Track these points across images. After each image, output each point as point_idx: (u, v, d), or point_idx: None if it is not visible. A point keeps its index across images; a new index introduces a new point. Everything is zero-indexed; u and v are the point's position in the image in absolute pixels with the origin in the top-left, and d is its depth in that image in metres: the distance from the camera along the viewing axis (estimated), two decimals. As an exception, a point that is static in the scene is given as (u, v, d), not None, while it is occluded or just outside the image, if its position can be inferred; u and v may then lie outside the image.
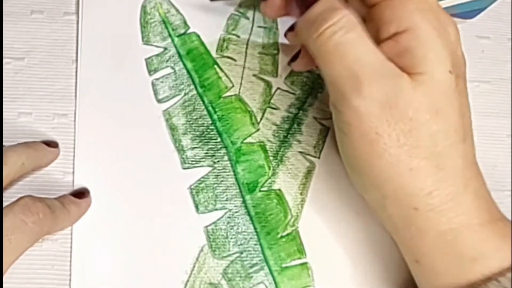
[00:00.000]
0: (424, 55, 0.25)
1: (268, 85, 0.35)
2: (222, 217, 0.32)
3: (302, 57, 0.33)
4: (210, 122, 0.34)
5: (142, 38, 0.35)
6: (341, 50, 0.26)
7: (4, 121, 0.32)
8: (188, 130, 0.33)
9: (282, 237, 0.32)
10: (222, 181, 0.33)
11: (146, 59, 0.35)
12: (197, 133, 0.33)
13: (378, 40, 0.27)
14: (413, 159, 0.25)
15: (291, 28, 0.33)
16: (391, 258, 0.31)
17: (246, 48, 0.36)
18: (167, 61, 0.35)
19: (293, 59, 0.34)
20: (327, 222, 0.32)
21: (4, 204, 0.27)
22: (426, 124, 0.25)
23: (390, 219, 0.28)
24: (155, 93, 0.34)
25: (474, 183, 0.26)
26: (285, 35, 0.34)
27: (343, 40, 0.25)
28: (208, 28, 0.36)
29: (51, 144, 0.31)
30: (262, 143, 0.34)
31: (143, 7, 0.36)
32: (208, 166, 0.33)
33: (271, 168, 0.33)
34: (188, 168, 0.33)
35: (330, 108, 0.28)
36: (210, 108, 0.34)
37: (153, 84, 0.34)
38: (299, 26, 0.28)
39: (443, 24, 0.26)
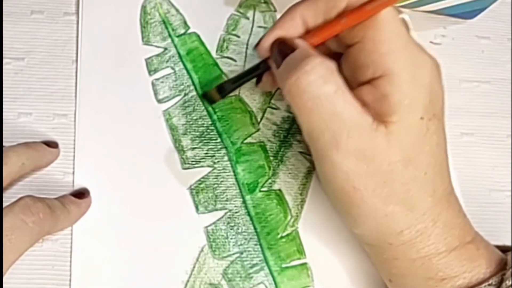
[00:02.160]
0: (399, 102, 0.25)
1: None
2: (222, 217, 0.32)
3: (267, 77, 0.32)
4: (210, 122, 0.34)
5: (142, 38, 0.35)
6: (318, 103, 0.25)
7: (4, 121, 0.32)
8: (188, 130, 0.33)
9: (282, 237, 0.32)
10: (222, 181, 0.33)
11: (146, 59, 0.35)
12: (197, 133, 0.33)
13: (356, 82, 0.27)
14: (388, 206, 0.26)
15: (259, 80, 0.32)
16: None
17: (246, 48, 0.36)
18: (167, 61, 0.35)
19: (258, 81, 0.33)
20: (327, 223, 0.32)
21: (4, 204, 0.27)
22: (400, 174, 0.26)
23: (366, 246, 0.29)
24: (155, 93, 0.34)
25: (444, 216, 0.27)
26: (256, 86, 0.33)
27: (320, 93, 0.25)
28: (208, 28, 0.36)
29: (51, 144, 0.31)
30: (262, 143, 0.34)
31: (143, 7, 0.36)
32: (208, 166, 0.33)
33: (271, 168, 0.33)
34: (188, 168, 0.33)
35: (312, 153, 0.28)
36: (210, 108, 0.34)
37: (153, 84, 0.34)
38: (278, 80, 0.28)
39: (418, 64, 0.26)
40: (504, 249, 0.28)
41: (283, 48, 0.28)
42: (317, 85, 0.25)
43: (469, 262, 0.27)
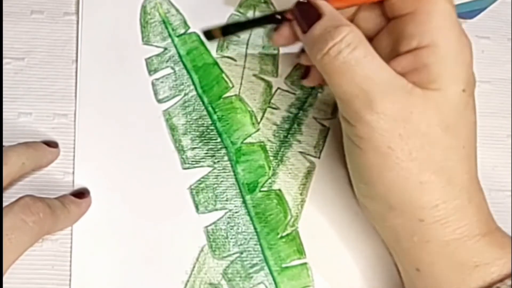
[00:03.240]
0: (441, 73, 0.26)
1: (268, 85, 0.35)
2: (222, 217, 0.32)
3: (313, 73, 0.33)
4: (210, 122, 0.34)
5: (142, 38, 0.35)
6: (349, 68, 0.25)
7: (4, 121, 0.32)
8: (188, 130, 0.33)
9: (282, 237, 0.32)
10: (222, 181, 0.33)
11: (146, 59, 0.35)
12: (197, 133, 0.33)
13: (396, 52, 0.27)
14: (424, 173, 0.26)
15: (306, 75, 0.33)
16: (390, 258, 0.31)
17: (246, 48, 0.36)
18: (167, 61, 0.35)
19: (304, 76, 0.34)
20: (327, 222, 0.32)
21: (4, 204, 0.27)
22: (438, 139, 0.26)
23: (391, 229, 0.28)
24: (155, 93, 0.34)
25: (477, 197, 0.27)
26: (302, 82, 0.34)
27: (350, 58, 0.25)
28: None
29: (51, 144, 0.31)
30: (262, 143, 0.34)
31: (143, 7, 0.36)
32: (208, 166, 0.33)
33: (271, 168, 0.33)
34: (188, 168, 0.33)
35: (340, 119, 0.28)
36: (210, 108, 0.34)
37: (153, 84, 0.34)
38: (304, 44, 0.28)
39: (462, 44, 0.27)
40: None
41: (308, 13, 0.27)
42: (348, 51, 0.25)
43: (500, 249, 0.26)
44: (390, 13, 0.28)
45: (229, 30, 0.32)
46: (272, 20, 0.30)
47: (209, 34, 0.32)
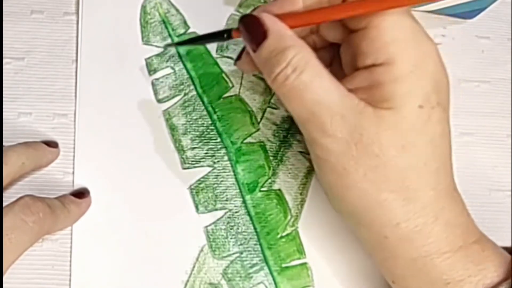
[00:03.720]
0: (395, 91, 0.25)
1: (268, 85, 0.35)
2: (222, 217, 0.32)
3: (246, 56, 0.31)
4: (210, 122, 0.34)
5: (142, 38, 0.35)
6: (298, 93, 0.25)
7: (4, 121, 0.32)
8: (188, 130, 0.33)
9: (282, 237, 0.32)
10: (222, 181, 0.33)
11: (146, 59, 0.35)
12: (197, 133, 0.33)
13: (353, 67, 0.27)
14: (381, 193, 0.25)
15: (239, 57, 0.32)
16: (391, 258, 0.31)
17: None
18: (167, 61, 0.35)
19: (238, 58, 0.32)
20: (327, 222, 0.32)
21: (4, 203, 0.27)
22: (393, 159, 0.25)
23: (364, 242, 0.28)
24: (155, 93, 0.34)
25: (447, 213, 0.26)
26: (235, 63, 0.33)
27: (297, 83, 0.25)
28: (208, 28, 0.36)
29: (51, 144, 0.31)
30: (262, 143, 0.34)
31: (143, 7, 0.36)
32: (208, 166, 0.33)
33: (271, 168, 0.33)
34: (188, 168, 0.33)
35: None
36: (210, 108, 0.34)
37: (153, 84, 0.34)
38: (256, 63, 0.27)
39: (422, 52, 0.25)
40: (505, 250, 0.28)
41: (254, 31, 0.26)
42: (294, 77, 0.25)
43: (475, 265, 0.25)
44: (347, 26, 0.27)
45: (180, 43, 0.34)
46: (220, 37, 0.30)
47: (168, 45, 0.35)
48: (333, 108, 0.25)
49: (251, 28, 0.27)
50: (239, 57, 0.32)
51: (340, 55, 0.28)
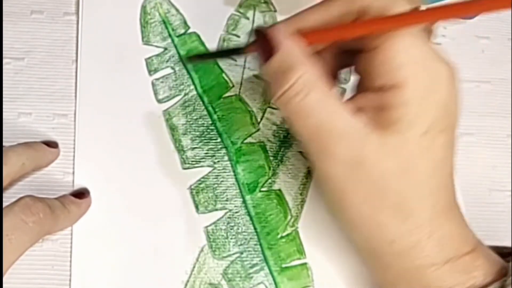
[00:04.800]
0: (402, 117, 0.24)
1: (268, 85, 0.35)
2: (222, 217, 0.32)
3: None
4: (210, 122, 0.34)
5: (142, 38, 0.35)
6: (303, 114, 0.25)
7: (4, 121, 0.32)
8: (188, 130, 0.33)
9: (282, 237, 0.32)
10: (222, 181, 0.33)
11: (146, 59, 0.35)
12: (197, 133, 0.33)
13: (362, 86, 0.26)
14: (379, 214, 0.25)
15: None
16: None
17: (246, 48, 0.36)
18: (167, 61, 0.35)
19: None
20: (327, 223, 0.32)
21: (4, 204, 0.27)
22: (393, 183, 0.25)
23: (358, 251, 0.29)
24: (155, 93, 0.34)
25: (443, 229, 0.26)
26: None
27: (303, 104, 0.25)
28: (208, 28, 0.36)
29: (51, 144, 0.31)
30: (262, 143, 0.34)
31: (143, 7, 0.36)
32: (208, 166, 0.33)
33: (271, 168, 0.33)
34: (188, 168, 0.33)
35: None
36: (210, 108, 0.34)
37: (153, 84, 0.34)
38: (262, 70, 0.27)
39: (434, 77, 0.25)
40: (504, 251, 0.28)
41: (264, 44, 0.26)
42: (300, 97, 0.25)
43: (463, 274, 0.25)
44: (358, 45, 0.26)
45: (196, 58, 0.35)
46: (235, 53, 0.30)
47: (189, 60, 0.35)
48: (337, 132, 0.25)
49: (262, 41, 0.26)
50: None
51: (355, 68, 0.28)
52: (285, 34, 0.26)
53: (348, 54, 0.28)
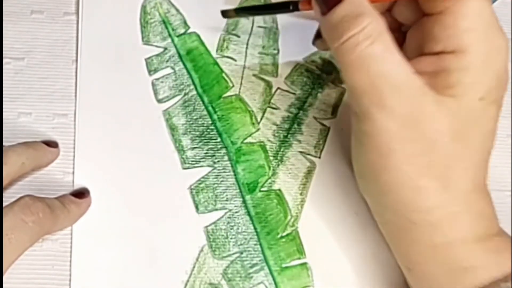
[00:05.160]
0: (460, 81, 0.25)
1: (268, 85, 0.35)
2: (222, 217, 0.32)
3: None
4: (210, 122, 0.34)
5: (142, 38, 0.35)
6: (365, 62, 0.24)
7: (4, 121, 0.32)
8: (188, 130, 0.33)
9: (282, 237, 0.32)
10: (222, 181, 0.33)
11: (146, 59, 0.35)
12: (197, 133, 0.33)
13: (421, 51, 0.26)
14: (421, 178, 0.25)
15: (319, 35, 0.31)
16: (390, 258, 0.31)
17: (246, 48, 0.36)
18: (167, 61, 0.35)
19: (317, 36, 0.32)
20: (327, 222, 0.32)
21: (4, 203, 0.27)
22: (443, 146, 0.25)
23: (386, 225, 0.28)
24: (155, 93, 0.34)
25: (478, 205, 0.26)
26: (313, 43, 0.32)
27: (367, 52, 0.24)
28: (208, 28, 0.36)
29: (51, 144, 0.31)
30: (262, 143, 0.34)
31: (143, 7, 0.36)
32: (208, 166, 0.33)
33: (271, 168, 0.33)
34: (188, 168, 0.33)
35: (351, 113, 0.28)
36: (210, 108, 0.34)
37: (153, 84, 0.34)
38: (321, 27, 0.27)
39: (494, 46, 0.25)
40: None
41: None
42: (365, 45, 0.24)
43: (496, 254, 0.25)
44: (422, 8, 0.27)
45: (242, 11, 0.34)
46: (284, 7, 0.29)
47: (225, 14, 0.34)
48: (398, 84, 0.24)
49: None
50: (318, 36, 0.31)
51: (406, 38, 0.28)
52: None
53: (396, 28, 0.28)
